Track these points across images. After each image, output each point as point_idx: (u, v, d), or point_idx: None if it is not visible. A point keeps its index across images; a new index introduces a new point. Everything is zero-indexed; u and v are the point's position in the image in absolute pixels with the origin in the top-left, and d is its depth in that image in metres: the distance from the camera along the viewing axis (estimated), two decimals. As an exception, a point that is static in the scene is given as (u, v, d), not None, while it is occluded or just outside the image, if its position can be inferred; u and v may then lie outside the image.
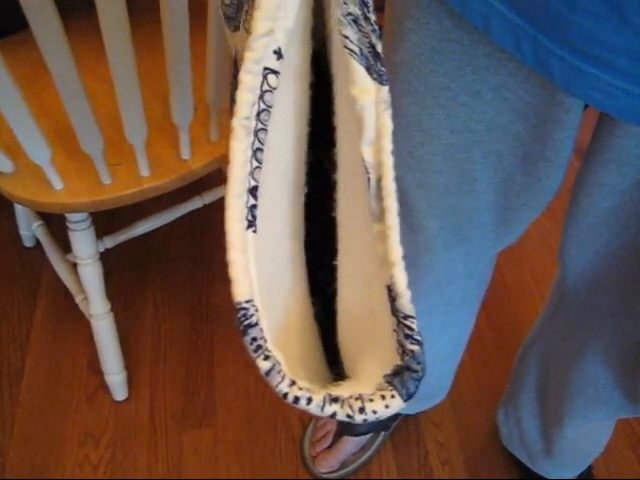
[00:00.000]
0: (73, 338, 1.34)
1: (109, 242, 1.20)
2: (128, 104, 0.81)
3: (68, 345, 1.34)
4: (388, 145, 0.33)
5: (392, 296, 0.32)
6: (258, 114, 0.31)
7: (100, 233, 1.16)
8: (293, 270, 0.41)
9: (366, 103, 0.33)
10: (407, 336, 0.31)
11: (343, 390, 0.31)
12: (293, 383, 0.30)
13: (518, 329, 1.35)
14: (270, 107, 0.31)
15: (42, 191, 0.90)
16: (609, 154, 0.56)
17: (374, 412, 0.30)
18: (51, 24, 0.67)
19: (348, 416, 0.30)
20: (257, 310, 0.30)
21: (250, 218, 0.31)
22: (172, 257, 1.50)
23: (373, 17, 0.33)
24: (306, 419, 1.23)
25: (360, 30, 0.33)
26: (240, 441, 1.21)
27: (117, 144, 0.94)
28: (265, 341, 0.30)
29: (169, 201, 1.25)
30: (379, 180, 0.33)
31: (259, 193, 0.31)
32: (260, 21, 0.30)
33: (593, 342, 0.76)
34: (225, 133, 0.98)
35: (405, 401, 0.31)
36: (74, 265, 1.13)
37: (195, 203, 1.30)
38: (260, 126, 0.31)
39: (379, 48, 0.33)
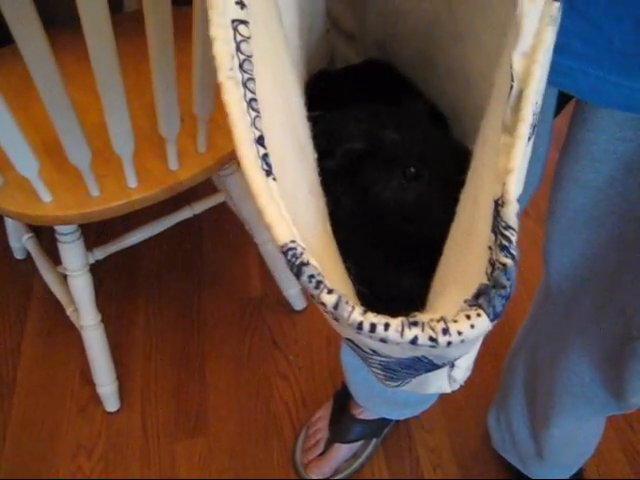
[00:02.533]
0: (65, 349, 1.35)
1: (99, 253, 1.21)
2: (115, 116, 0.82)
3: (60, 356, 1.34)
4: (542, 58, 0.32)
5: (498, 209, 0.30)
6: (241, 65, 0.31)
7: (90, 244, 1.16)
8: (323, 225, 0.40)
9: (527, 11, 0.32)
10: (503, 248, 0.29)
11: (420, 315, 0.30)
12: (365, 311, 0.28)
13: (508, 333, 1.36)
14: (250, 56, 0.31)
15: (30, 204, 0.91)
16: (582, 148, 0.57)
17: (459, 333, 0.28)
18: (35, 36, 0.68)
19: (431, 339, 0.28)
20: (304, 248, 0.29)
21: (266, 167, 0.30)
22: (163, 267, 1.51)
23: None
24: (298, 426, 1.24)
25: None
26: (233, 450, 1.21)
27: (105, 155, 0.94)
28: (322, 276, 0.29)
29: (159, 211, 1.25)
30: (522, 90, 0.32)
31: (266, 143, 0.31)
32: None
33: (577, 340, 0.78)
34: (213, 144, 0.99)
35: (492, 321, 0.28)
36: (64, 277, 1.13)
37: (185, 213, 1.31)
38: (247, 76, 0.31)
39: None
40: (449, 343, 0.28)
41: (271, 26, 0.37)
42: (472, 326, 0.28)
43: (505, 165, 0.31)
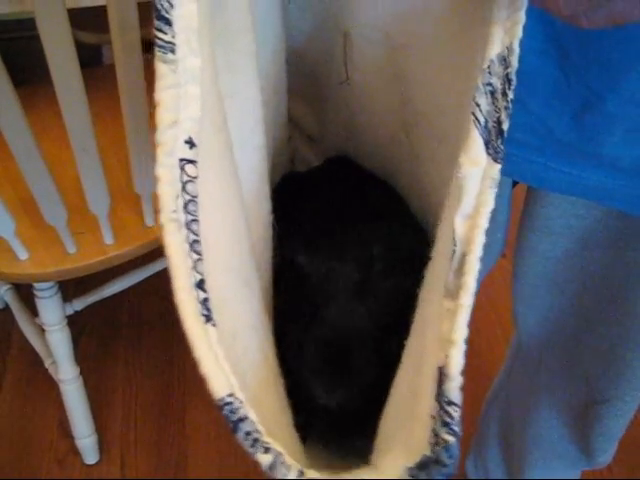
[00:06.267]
0: (43, 401, 1.33)
1: (78, 304, 1.20)
2: (89, 177, 0.83)
3: (38, 408, 1.32)
4: (484, 223, 0.31)
5: (441, 379, 0.30)
6: (185, 206, 0.30)
7: (69, 295, 1.16)
8: (265, 359, 0.40)
9: (470, 174, 0.31)
10: (445, 424, 0.29)
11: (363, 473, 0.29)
12: (302, 473, 0.28)
13: (484, 376, 1.36)
14: (195, 197, 0.30)
15: (7, 262, 0.91)
16: (537, 222, 0.59)
17: None
18: (4, 94, 0.69)
19: None
20: (242, 402, 0.28)
21: (205, 312, 0.29)
22: (143, 316, 1.51)
23: (511, 95, 0.32)
24: (279, 476, 1.23)
25: (494, 103, 0.32)
26: (213, 501, 1.20)
27: (82, 211, 0.94)
28: (260, 433, 0.28)
29: (140, 259, 1.25)
30: (464, 255, 0.31)
31: (207, 287, 0.30)
32: (162, 113, 0.29)
33: (546, 398, 0.78)
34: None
35: None
36: (43, 329, 1.13)
37: (165, 262, 1.30)
38: (190, 217, 0.30)
39: (505, 126, 0.32)
40: None
41: (222, 161, 0.37)
42: None
43: (449, 334, 0.30)
